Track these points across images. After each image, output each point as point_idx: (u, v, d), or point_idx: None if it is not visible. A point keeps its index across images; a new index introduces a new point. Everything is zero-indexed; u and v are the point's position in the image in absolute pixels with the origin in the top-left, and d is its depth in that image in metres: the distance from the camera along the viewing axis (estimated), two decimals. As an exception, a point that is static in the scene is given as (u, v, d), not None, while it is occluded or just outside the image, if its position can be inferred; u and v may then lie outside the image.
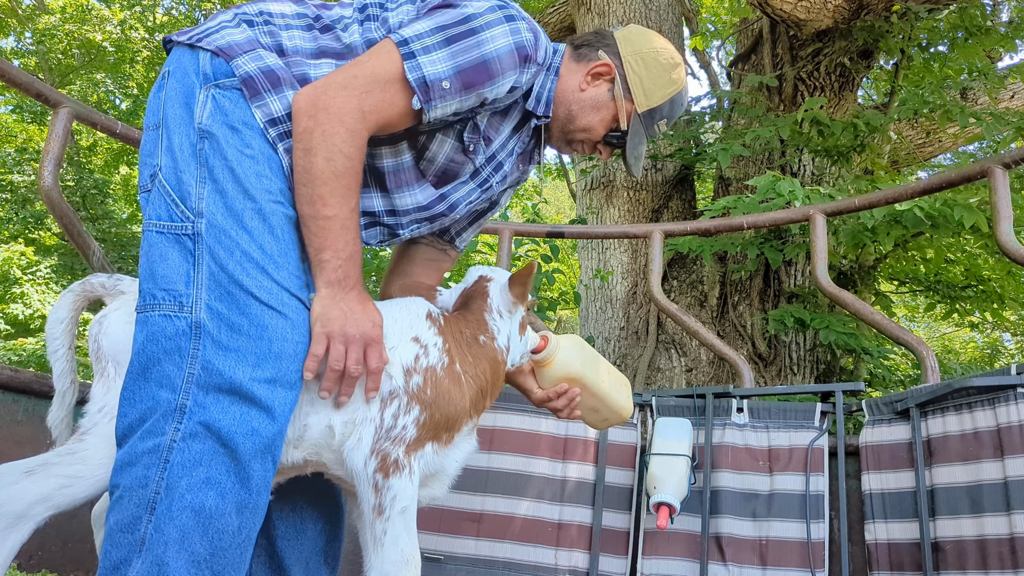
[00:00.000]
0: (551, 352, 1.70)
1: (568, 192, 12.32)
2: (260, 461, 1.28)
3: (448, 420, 1.46)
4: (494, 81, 1.44)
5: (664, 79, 1.60)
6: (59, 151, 2.75)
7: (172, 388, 1.26)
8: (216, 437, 1.25)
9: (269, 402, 1.28)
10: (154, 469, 1.23)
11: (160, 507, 1.22)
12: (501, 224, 3.59)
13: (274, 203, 1.37)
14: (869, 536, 2.62)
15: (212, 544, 1.23)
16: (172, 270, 1.31)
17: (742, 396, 2.89)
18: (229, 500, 1.25)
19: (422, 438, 1.42)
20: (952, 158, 8.08)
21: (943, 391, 2.52)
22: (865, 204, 3.32)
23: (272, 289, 1.32)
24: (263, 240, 1.33)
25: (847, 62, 5.54)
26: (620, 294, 5.83)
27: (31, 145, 12.85)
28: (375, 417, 1.40)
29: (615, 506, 2.86)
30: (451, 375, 1.47)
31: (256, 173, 1.37)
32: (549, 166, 14.26)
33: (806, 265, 5.31)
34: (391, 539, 1.37)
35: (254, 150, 1.37)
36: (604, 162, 6.03)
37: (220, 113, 1.37)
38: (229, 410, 1.26)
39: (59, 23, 11.60)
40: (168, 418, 1.25)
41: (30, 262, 10.45)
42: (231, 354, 1.27)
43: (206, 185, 1.34)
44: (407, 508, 1.38)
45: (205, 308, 1.29)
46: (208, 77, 1.39)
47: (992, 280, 5.35)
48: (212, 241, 1.31)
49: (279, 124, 1.41)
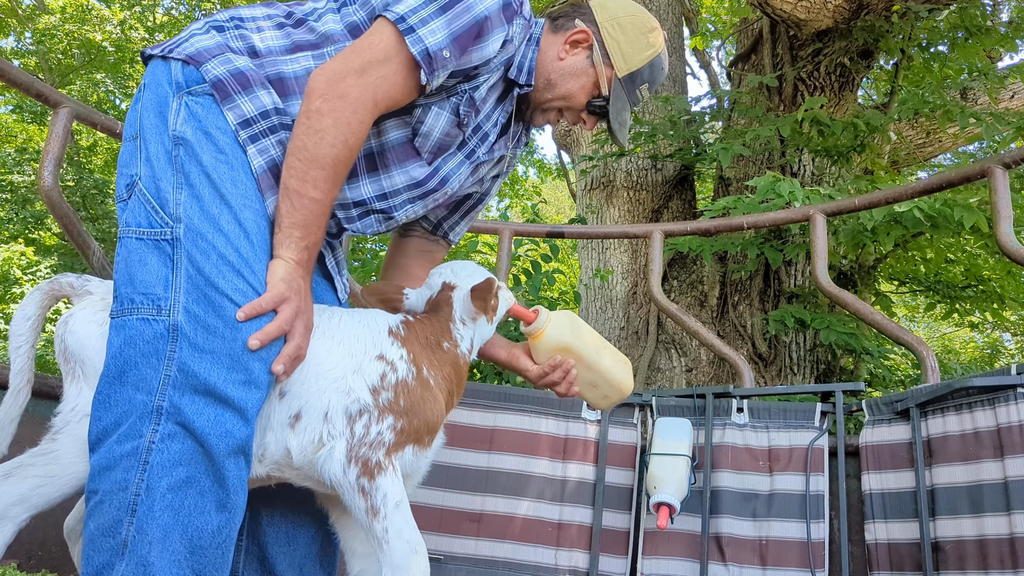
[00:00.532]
0: (541, 323, 1.71)
1: (568, 192, 12.32)
2: (234, 461, 1.29)
3: (429, 424, 1.48)
4: (485, 39, 1.46)
5: (642, 42, 1.62)
6: (59, 151, 2.75)
7: (149, 391, 1.27)
8: (193, 438, 1.26)
9: (243, 403, 1.30)
10: (134, 472, 1.24)
11: (141, 508, 1.22)
12: (501, 224, 3.59)
13: (248, 207, 1.38)
14: (869, 536, 2.62)
15: (192, 543, 1.24)
16: (151, 275, 1.32)
17: (742, 396, 2.89)
18: (208, 499, 1.26)
19: (401, 442, 1.44)
20: (952, 158, 8.08)
21: (943, 391, 2.52)
22: (865, 204, 3.32)
23: (247, 291, 1.33)
24: (239, 243, 1.35)
25: (847, 62, 5.54)
26: (620, 294, 5.83)
27: (31, 145, 12.84)
28: (344, 432, 1.42)
29: (615, 506, 2.86)
30: (422, 382, 1.49)
31: (231, 178, 1.38)
32: (549, 166, 14.26)
33: (806, 265, 5.31)
34: (394, 534, 1.39)
35: (227, 155, 1.39)
36: (604, 162, 6.03)
37: (193, 119, 1.39)
38: (204, 411, 1.27)
39: (59, 23, 11.59)
40: (145, 420, 1.26)
41: (30, 262, 10.44)
42: (206, 356, 1.28)
43: (183, 191, 1.35)
44: (400, 502, 1.41)
45: (183, 311, 1.30)
46: (180, 85, 1.41)
47: (992, 280, 5.35)
48: (190, 245, 1.32)
49: (251, 125, 1.42)
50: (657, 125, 5.67)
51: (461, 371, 1.61)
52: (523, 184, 14.14)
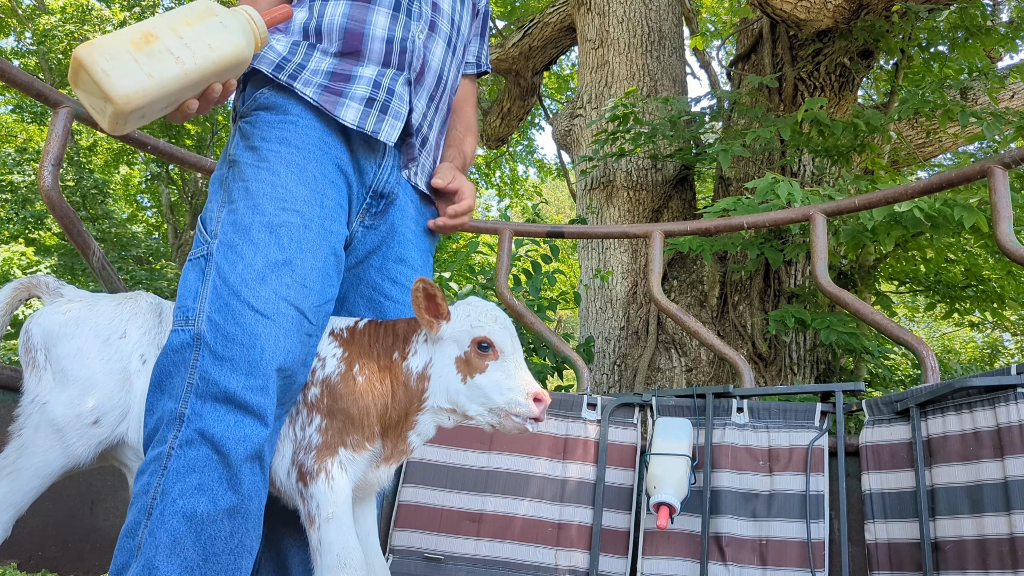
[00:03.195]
0: None
1: (568, 192, 12.32)
2: (250, 467, 1.31)
3: (351, 419, 1.44)
4: None
5: None
6: (59, 151, 2.75)
7: (176, 398, 1.31)
8: (210, 444, 1.28)
9: (261, 409, 1.31)
10: (155, 476, 1.27)
11: (155, 512, 1.25)
12: (501, 224, 3.59)
13: (282, 211, 1.40)
14: (869, 536, 2.62)
15: (204, 550, 1.25)
16: (186, 289, 1.39)
17: (742, 396, 2.89)
18: (220, 506, 1.27)
19: (330, 443, 1.42)
20: (952, 158, 8.08)
21: (943, 391, 2.52)
22: (865, 204, 3.31)
23: (269, 297, 1.34)
24: (268, 250, 1.37)
25: (847, 62, 5.54)
26: (620, 294, 5.83)
27: (31, 145, 12.84)
28: (290, 434, 1.44)
29: (615, 506, 2.86)
30: (346, 379, 1.46)
31: (271, 183, 1.41)
32: (549, 166, 14.25)
33: (806, 265, 5.31)
34: (325, 546, 1.38)
35: (270, 161, 1.44)
36: (604, 162, 6.03)
37: (243, 138, 1.49)
38: (224, 418, 1.29)
39: (59, 23, 11.59)
40: (170, 426, 1.30)
41: (30, 262, 10.44)
42: (226, 363, 1.31)
43: (224, 208, 1.42)
44: (333, 514, 1.38)
45: (206, 320, 1.34)
46: (236, 110, 1.54)
47: (992, 280, 5.35)
48: (220, 257, 1.37)
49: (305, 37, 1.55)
50: (657, 125, 5.67)
51: (400, 380, 1.50)
52: (523, 184, 14.14)
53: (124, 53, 1.16)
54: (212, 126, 13.90)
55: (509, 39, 7.84)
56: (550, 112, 9.45)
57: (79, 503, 2.65)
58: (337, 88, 1.49)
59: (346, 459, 1.43)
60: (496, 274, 3.52)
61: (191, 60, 1.20)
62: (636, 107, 5.79)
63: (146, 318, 1.65)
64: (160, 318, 1.67)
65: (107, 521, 2.71)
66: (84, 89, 1.18)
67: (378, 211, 1.60)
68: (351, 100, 1.49)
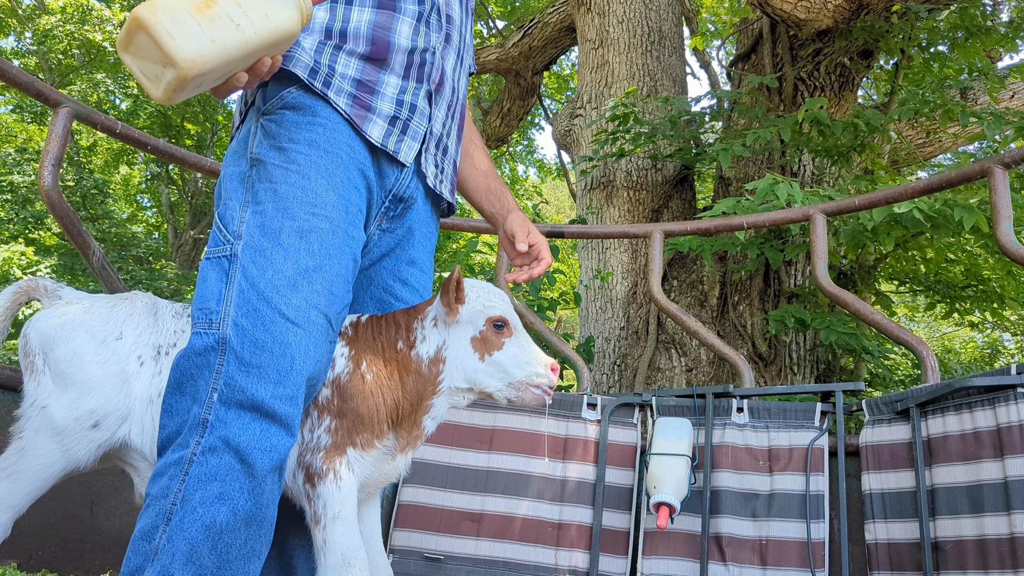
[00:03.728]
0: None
1: (568, 192, 12.31)
2: (272, 477, 1.30)
3: (360, 418, 1.45)
4: None
5: None
6: (59, 151, 2.75)
7: (199, 402, 1.29)
8: (235, 452, 1.26)
9: (289, 419, 1.30)
10: (175, 481, 1.26)
11: (175, 518, 1.23)
12: (501, 224, 3.59)
13: (312, 216, 1.38)
14: (869, 536, 2.62)
15: (219, 557, 1.24)
16: (208, 291, 1.36)
17: (742, 396, 2.89)
18: (240, 515, 1.26)
19: (339, 444, 1.43)
20: (952, 158, 8.08)
21: (943, 391, 2.52)
22: (865, 204, 3.31)
23: (300, 305, 1.33)
24: (299, 256, 1.35)
25: (847, 62, 5.54)
26: (620, 294, 5.83)
27: (31, 145, 12.85)
28: (298, 436, 1.42)
29: (615, 506, 2.86)
30: (355, 378, 1.46)
31: (302, 187, 1.39)
32: (549, 166, 14.25)
33: (806, 265, 5.31)
34: (330, 546, 1.38)
35: (299, 164, 1.42)
36: (604, 162, 6.03)
37: (267, 137, 1.45)
38: (250, 426, 1.27)
39: (59, 23, 11.60)
40: (193, 431, 1.28)
41: (30, 262, 10.44)
42: (253, 371, 1.29)
43: (248, 208, 1.39)
44: (339, 514, 1.39)
45: (231, 324, 1.31)
46: (258, 107, 1.50)
47: (992, 280, 5.35)
48: (247, 260, 1.35)
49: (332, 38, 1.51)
50: (657, 125, 5.67)
51: (411, 376, 1.51)
52: (523, 184, 14.15)
53: (187, 16, 1.11)
54: (212, 126, 13.91)
55: (509, 39, 7.84)
56: (550, 112, 9.46)
57: (79, 503, 2.65)
58: (365, 101, 1.50)
59: (354, 459, 1.43)
60: (496, 274, 3.52)
61: (251, 28, 1.15)
62: (636, 107, 5.79)
63: (142, 318, 1.65)
64: (155, 318, 1.67)
65: (107, 521, 2.70)
66: (139, 54, 1.12)
67: (396, 215, 1.61)
68: (378, 117, 1.51)
